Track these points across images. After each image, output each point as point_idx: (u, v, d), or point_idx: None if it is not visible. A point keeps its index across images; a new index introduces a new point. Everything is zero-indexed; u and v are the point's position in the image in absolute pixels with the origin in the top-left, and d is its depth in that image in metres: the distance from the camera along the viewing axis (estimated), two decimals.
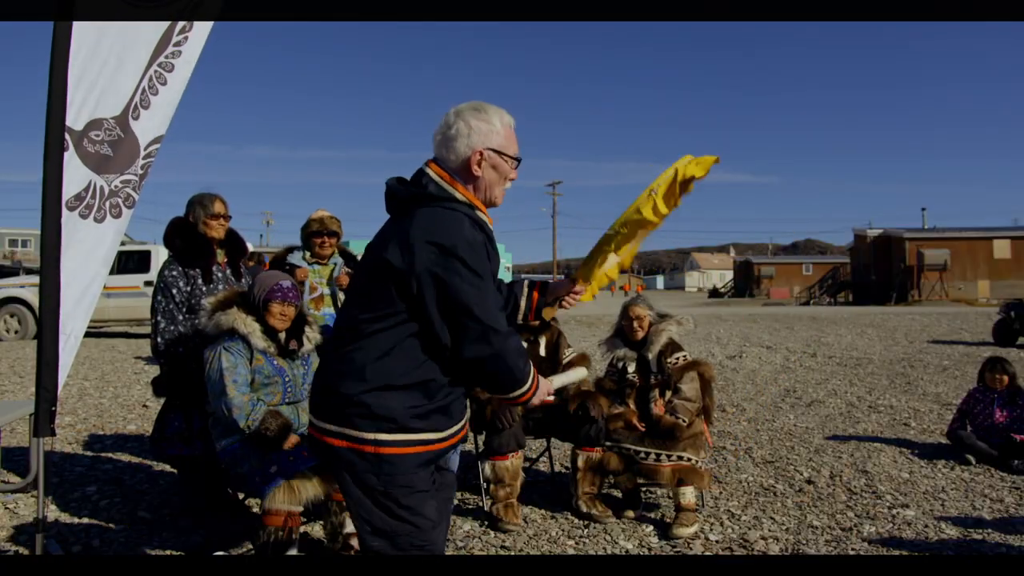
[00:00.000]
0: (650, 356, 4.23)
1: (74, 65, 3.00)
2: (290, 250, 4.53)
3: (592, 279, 2.45)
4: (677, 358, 4.23)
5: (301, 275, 4.32)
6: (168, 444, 3.82)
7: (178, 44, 3.34)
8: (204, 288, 3.88)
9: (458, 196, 2.05)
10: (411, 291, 1.93)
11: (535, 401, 2.13)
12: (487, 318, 1.94)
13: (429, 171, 2.08)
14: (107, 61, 3.12)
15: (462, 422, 2.15)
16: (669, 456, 3.94)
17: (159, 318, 3.84)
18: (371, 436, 1.95)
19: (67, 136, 3.00)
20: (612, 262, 2.48)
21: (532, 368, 2.09)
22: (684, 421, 4.04)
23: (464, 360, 1.97)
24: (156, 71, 3.29)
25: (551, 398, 2.23)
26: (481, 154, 2.06)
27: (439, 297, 1.93)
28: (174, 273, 3.88)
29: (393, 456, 1.95)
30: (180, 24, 3.32)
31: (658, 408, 4.13)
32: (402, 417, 1.95)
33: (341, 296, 4.42)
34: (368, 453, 1.95)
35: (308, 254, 4.46)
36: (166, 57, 3.31)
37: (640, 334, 4.27)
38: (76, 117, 3.04)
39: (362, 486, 1.98)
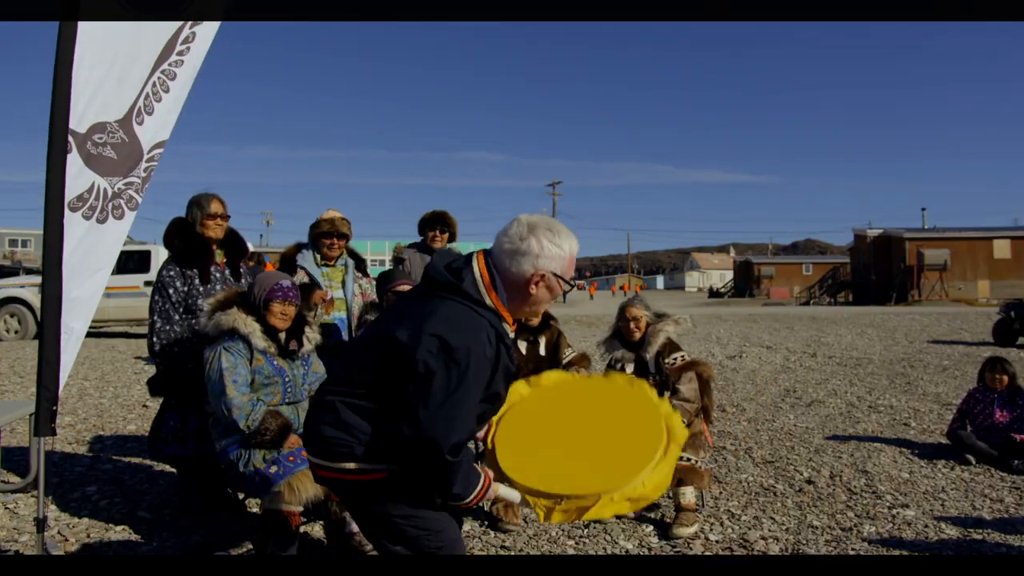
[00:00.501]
0: (648, 357, 4.22)
1: (79, 68, 3.01)
2: (299, 248, 4.44)
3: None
4: (675, 358, 4.23)
5: (317, 298, 4.14)
6: (164, 444, 3.83)
7: (181, 53, 3.35)
8: (201, 288, 3.88)
9: (488, 303, 2.08)
10: (399, 363, 1.99)
11: (475, 502, 2.15)
12: (443, 430, 1.94)
13: (475, 266, 2.12)
14: (112, 65, 3.13)
15: None
16: None
17: (155, 318, 3.84)
18: (361, 466, 2.06)
19: (70, 138, 3.01)
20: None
21: (480, 482, 2.11)
22: (684, 422, 4.04)
23: (407, 447, 1.98)
24: (160, 77, 3.31)
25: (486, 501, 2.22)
26: (543, 276, 2.12)
27: (419, 379, 1.96)
28: (171, 273, 3.88)
29: (384, 480, 2.06)
30: (184, 33, 3.34)
31: None
32: (378, 455, 2.05)
33: (356, 303, 4.38)
34: (363, 481, 2.07)
35: (317, 256, 4.35)
36: (170, 64, 3.33)
37: (637, 335, 4.27)
38: (80, 120, 3.04)
39: (369, 512, 2.11)
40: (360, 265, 4.53)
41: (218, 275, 4.00)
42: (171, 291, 3.85)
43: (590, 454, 2.33)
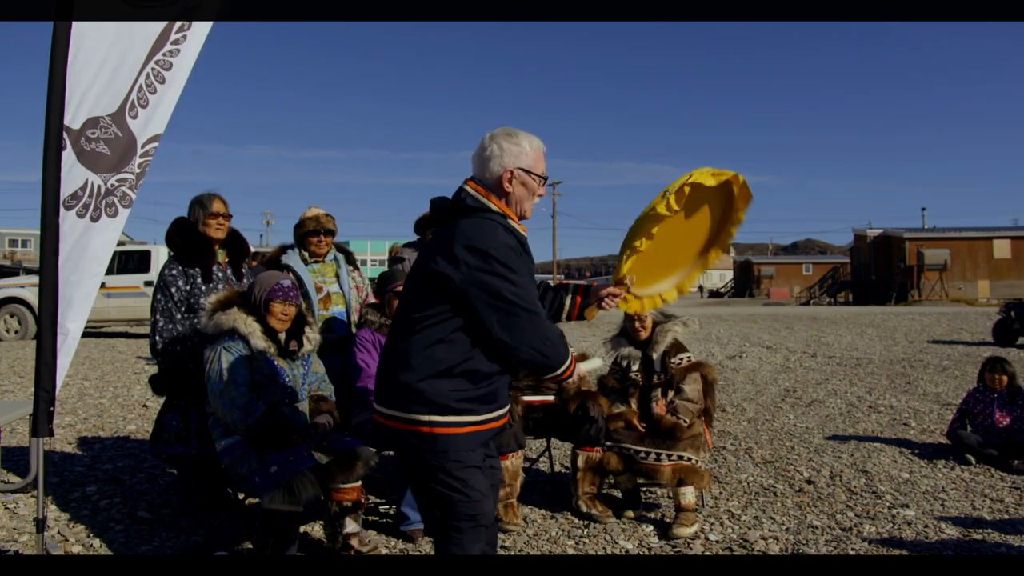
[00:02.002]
0: (654, 356, 4.23)
1: (72, 63, 3.00)
2: (283, 250, 4.42)
3: (623, 276, 2.66)
4: (681, 359, 4.24)
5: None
6: (166, 444, 3.82)
7: (176, 43, 3.32)
8: (203, 287, 3.88)
9: (493, 207, 2.32)
10: (457, 292, 2.19)
11: (572, 380, 2.41)
12: (528, 306, 2.21)
13: (467, 188, 2.36)
14: (105, 59, 3.11)
15: (505, 408, 2.41)
16: (669, 456, 3.94)
17: (158, 316, 3.84)
18: (426, 418, 2.22)
19: (65, 135, 3.00)
20: (670, 285, 2.84)
21: (569, 349, 2.37)
22: (685, 422, 4.04)
23: (511, 347, 2.22)
24: (154, 69, 3.28)
25: (578, 380, 2.48)
26: (512, 173, 2.34)
27: (483, 295, 2.18)
28: (174, 272, 3.88)
29: (445, 436, 2.22)
30: (178, 23, 3.31)
31: (659, 408, 4.13)
32: (450, 401, 2.22)
33: (352, 296, 4.38)
34: (424, 433, 2.22)
35: (306, 254, 4.35)
36: (164, 55, 3.30)
37: (644, 334, 4.27)
38: (74, 115, 3.04)
39: (420, 463, 2.26)
40: (349, 259, 4.52)
41: (220, 275, 4.00)
42: (173, 290, 3.85)
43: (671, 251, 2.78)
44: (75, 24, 2.99)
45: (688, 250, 2.86)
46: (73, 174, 3.05)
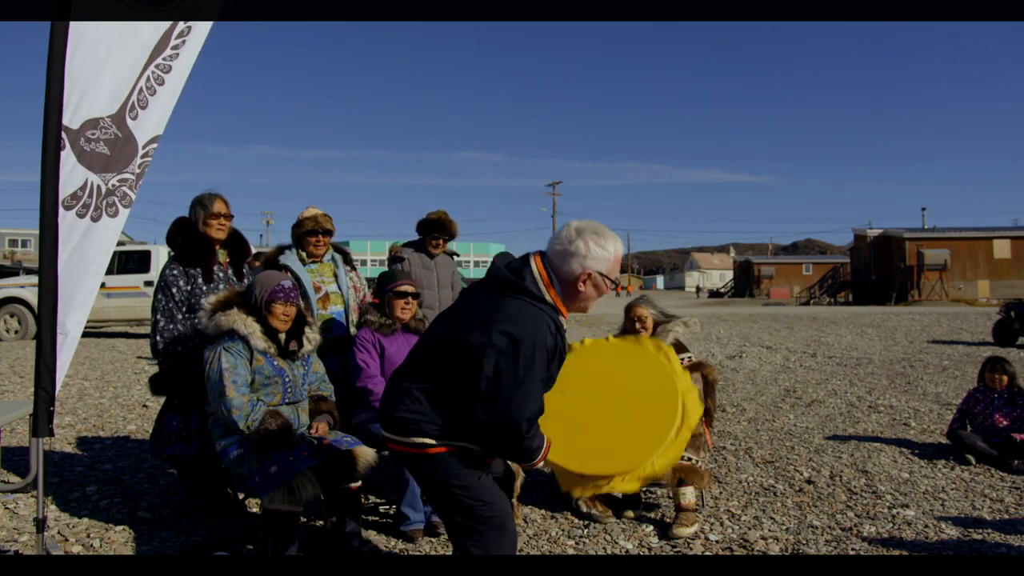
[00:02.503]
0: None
1: (71, 64, 3.00)
2: (281, 250, 4.43)
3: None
4: (682, 359, 4.23)
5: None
6: (167, 444, 3.82)
7: (176, 47, 3.33)
8: (204, 288, 3.88)
9: (547, 299, 2.38)
10: (472, 362, 2.28)
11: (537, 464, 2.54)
12: (519, 409, 2.27)
13: (533, 266, 2.42)
14: (104, 60, 3.11)
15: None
16: None
17: (158, 316, 3.84)
18: (421, 441, 2.39)
19: (64, 135, 3.00)
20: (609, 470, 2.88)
21: (544, 447, 2.48)
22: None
23: (484, 427, 2.31)
24: (154, 72, 3.29)
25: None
26: (590, 275, 2.42)
27: (491, 372, 2.26)
28: (175, 272, 3.88)
29: (444, 455, 2.38)
30: (179, 27, 3.32)
31: None
32: (444, 434, 2.38)
33: (351, 296, 4.38)
34: (426, 455, 2.39)
35: (304, 254, 4.34)
36: (164, 59, 3.31)
37: (645, 334, 4.27)
38: (73, 116, 3.03)
39: (431, 480, 2.44)
40: (347, 259, 4.52)
41: (221, 275, 4.00)
42: (174, 290, 3.85)
43: (610, 428, 2.65)
44: (73, 24, 2.99)
45: (631, 435, 2.79)
46: (73, 174, 3.04)
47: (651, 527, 3.99)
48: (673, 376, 2.67)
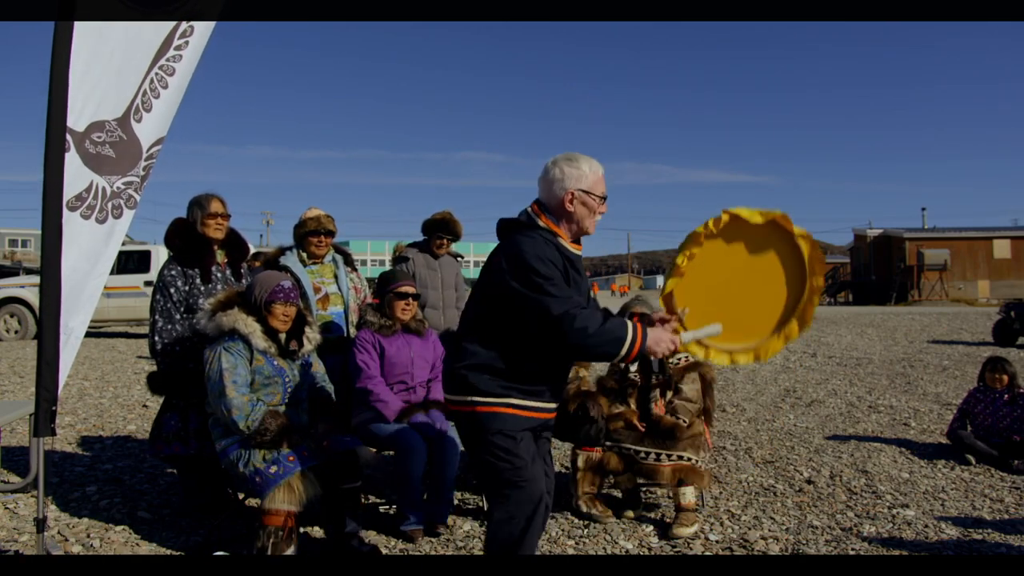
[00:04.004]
0: (652, 356, 4.21)
1: (75, 66, 3.00)
2: (282, 251, 4.43)
3: (675, 305, 2.75)
4: (679, 358, 4.23)
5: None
6: (165, 444, 3.82)
7: (179, 48, 3.34)
8: (203, 288, 3.88)
9: (540, 224, 2.59)
10: (504, 298, 2.48)
11: (657, 354, 2.57)
12: (558, 310, 2.40)
13: (529, 208, 2.66)
14: (109, 63, 3.12)
15: (553, 404, 2.66)
16: (669, 456, 3.94)
17: (157, 317, 3.84)
18: (471, 399, 2.54)
19: (68, 137, 3.00)
20: (744, 347, 2.87)
21: (631, 328, 2.50)
22: (684, 421, 4.04)
23: (555, 347, 2.47)
24: (157, 74, 3.29)
25: (672, 347, 2.60)
26: (572, 194, 2.59)
27: (521, 302, 2.45)
28: (173, 272, 3.88)
29: (489, 414, 2.52)
30: (181, 28, 3.32)
31: (658, 408, 4.13)
32: (493, 388, 2.52)
33: (350, 297, 4.38)
34: (474, 412, 2.54)
35: (304, 254, 4.35)
36: (167, 60, 3.31)
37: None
38: (78, 118, 3.04)
39: (473, 438, 2.59)
40: (347, 259, 4.52)
41: (219, 275, 4.00)
42: (172, 290, 3.85)
43: (749, 304, 2.83)
44: (78, 27, 2.99)
45: (764, 311, 2.86)
46: (78, 176, 3.05)
47: (651, 527, 3.98)
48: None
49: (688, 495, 3.94)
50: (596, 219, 2.65)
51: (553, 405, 2.67)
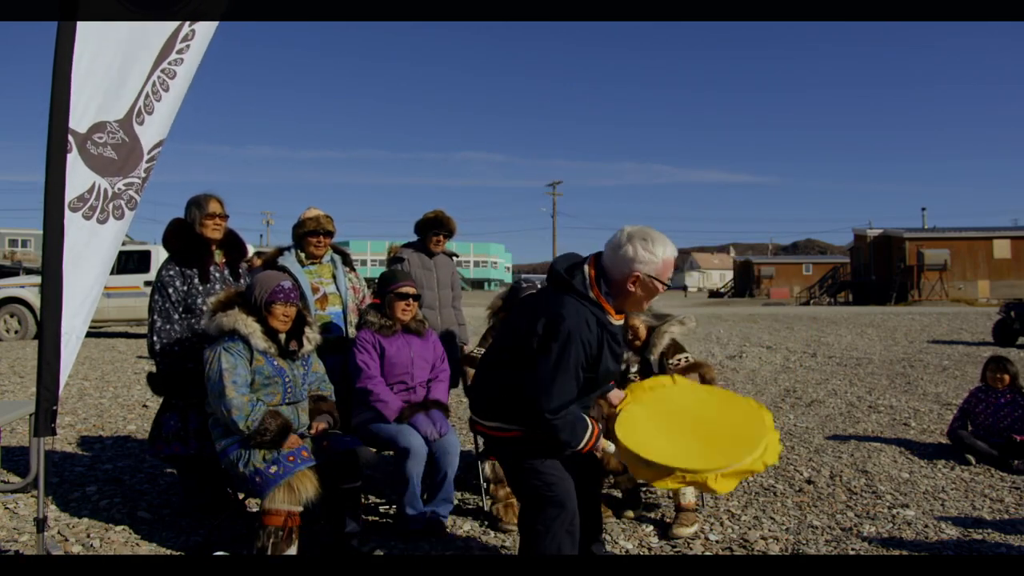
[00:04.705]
0: (652, 358, 4.22)
1: (78, 67, 3.00)
2: (280, 252, 4.43)
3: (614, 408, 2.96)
4: (679, 359, 4.23)
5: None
6: (165, 444, 3.82)
7: (181, 52, 3.34)
8: (201, 288, 3.88)
9: (591, 296, 2.60)
10: (523, 346, 2.60)
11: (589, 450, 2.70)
12: (545, 394, 2.52)
13: (585, 267, 2.66)
14: (111, 65, 3.12)
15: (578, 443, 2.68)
16: None
17: (155, 317, 3.84)
18: (497, 424, 2.72)
19: (70, 138, 3.00)
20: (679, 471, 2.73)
21: (589, 434, 2.65)
22: None
23: (532, 404, 2.56)
24: (159, 77, 3.29)
25: (599, 453, 2.76)
26: (638, 277, 2.60)
27: (535, 356, 2.55)
28: (171, 273, 3.88)
29: (516, 439, 2.68)
30: (183, 32, 3.33)
31: None
32: (513, 420, 2.67)
33: (349, 297, 4.38)
34: (502, 438, 2.72)
35: (303, 254, 4.34)
36: (169, 64, 3.31)
37: (639, 342, 4.27)
38: (80, 119, 3.03)
39: (505, 460, 2.78)
40: (345, 260, 4.52)
41: (217, 275, 4.00)
42: (171, 291, 3.85)
43: (701, 439, 2.78)
44: (80, 29, 2.98)
45: (715, 443, 2.80)
46: (80, 177, 3.04)
47: (651, 527, 3.99)
48: (764, 419, 2.89)
49: (688, 495, 3.94)
50: (650, 301, 2.71)
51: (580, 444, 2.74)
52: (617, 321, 2.66)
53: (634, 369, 4.27)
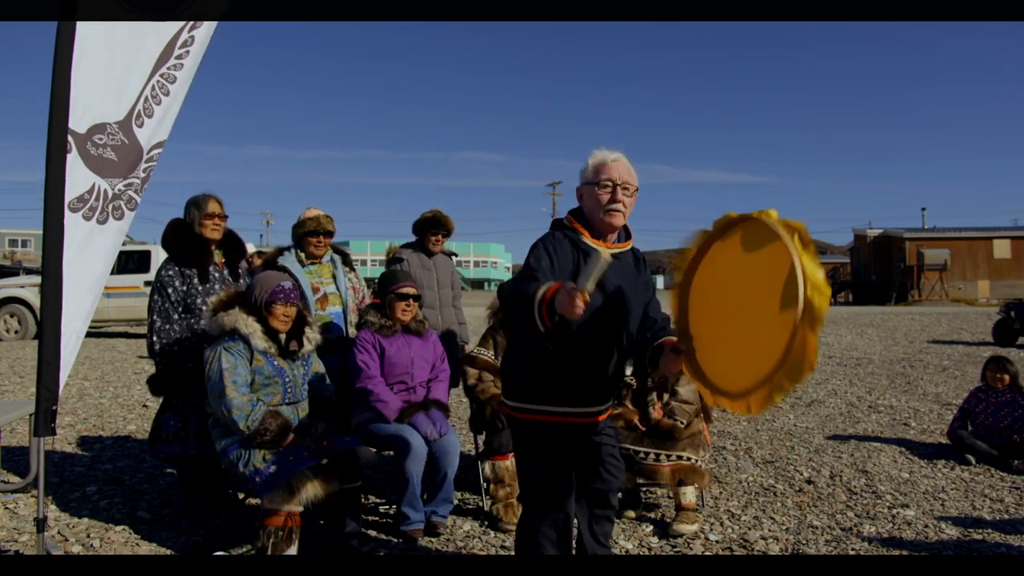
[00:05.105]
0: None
1: (78, 68, 3.00)
2: (280, 252, 4.43)
3: (685, 332, 2.47)
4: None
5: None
6: (165, 444, 3.82)
7: (180, 57, 3.34)
8: (200, 288, 3.88)
9: (565, 223, 2.68)
10: None
11: (562, 310, 2.20)
12: (507, 285, 2.60)
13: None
14: (111, 66, 3.12)
15: (574, 408, 2.64)
16: (668, 456, 3.94)
17: (155, 317, 3.84)
18: (512, 404, 2.70)
19: (70, 138, 3.00)
20: (752, 389, 2.25)
21: (543, 289, 2.31)
22: (682, 423, 4.04)
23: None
24: (159, 81, 3.30)
25: (580, 303, 2.17)
26: (579, 191, 2.70)
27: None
28: (170, 273, 3.89)
29: (516, 419, 2.70)
30: (183, 37, 3.33)
31: (656, 413, 4.13)
32: (516, 389, 2.69)
33: (349, 297, 4.38)
34: (514, 417, 2.72)
35: (303, 254, 4.34)
36: (169, 68, 3.32)
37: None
38: (80, 120, 3.03)
39: (514, 439, 2.78)
40: (345, 259, 4.53)
41: (217, 275, 4.00)
42: (170, 291, 3.85)
43: (742, 338, 2.34)
44: (80, 29, 2.98)
45: (769, 348, 2.24)
46: (79, 177, 3.04)
47: (651, 527, 3.98)
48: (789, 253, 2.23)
49: (688, 495, 3.94)
50: (609, 207, 2.58)
51: (576, 410, 2.63)
52: (597, 245, 2.57)
53: (628, 371, 4.27)
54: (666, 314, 2.73)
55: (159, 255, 13.23)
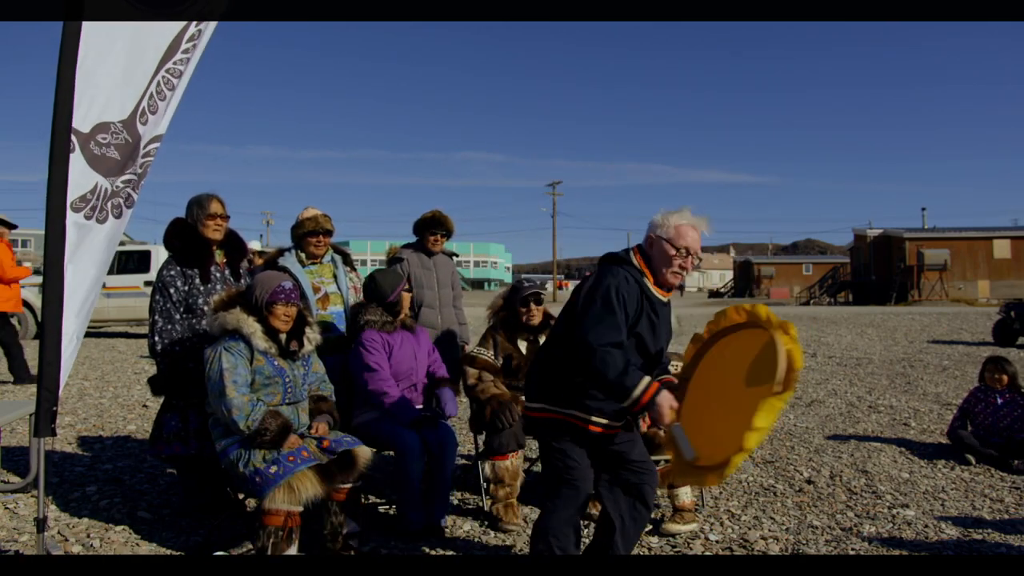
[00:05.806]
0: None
1: (82, 67, 2.99)
2: (281, 252, 4.42)
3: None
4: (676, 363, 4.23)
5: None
6: (165, 444, 3.82)
7: (186, 52, 3.34)
8: (202, 288, 3.88)
9: (633, 262, 2.87)
10: (576, 311, 2.77)
11: (655, 416, 2.63)
12: (592, 330, 2.64)
13: (631, 247, 2.95)
14: (116, 65, 3.11)
15: (604, 420, 2.84)
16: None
17: (156, 317, 3.84)
18: (540, 406, 2.90)
19: (73, 138, 2.99)
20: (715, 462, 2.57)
21: (646, 383, 2.61)
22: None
23: (576, 361, 2.70)
24: (164, 77, 3.29)
25: (666, 419, 2.61)
26: (654, 240, 2.87)
27: (582, 309, 2.73)
28: (172, 273, 3.88)
29: (551, 420, 2.87)
30: (189, 32, 3.33)
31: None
32: (550, 396, 2.86)
33: (350, 296, 4.39)
34: (541, 419, 2.90)
35: (303, 255, 4.34)
36: (174, 64, 3.31)
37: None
38: (83, 119, 3.03)
39: (540, 441, 3.00)
40: (346, 259, 4.53)
41: (218, 275, 4.00)
42: (172, 291, 3.85)
43: (723, 412, 2.68)
44: (86, 28, 2.97)
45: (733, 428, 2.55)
46: (82, 177, 3.04)
47: (650, 526, 3.98)
48: (778, 338, 2.70)
49: (682, 496, 3.95)
50: (675, 271, 2.84)
51: (606, 421, 2.85)
52: (659, 294, 2.85)
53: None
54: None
55: (159, 255, 13.22)
